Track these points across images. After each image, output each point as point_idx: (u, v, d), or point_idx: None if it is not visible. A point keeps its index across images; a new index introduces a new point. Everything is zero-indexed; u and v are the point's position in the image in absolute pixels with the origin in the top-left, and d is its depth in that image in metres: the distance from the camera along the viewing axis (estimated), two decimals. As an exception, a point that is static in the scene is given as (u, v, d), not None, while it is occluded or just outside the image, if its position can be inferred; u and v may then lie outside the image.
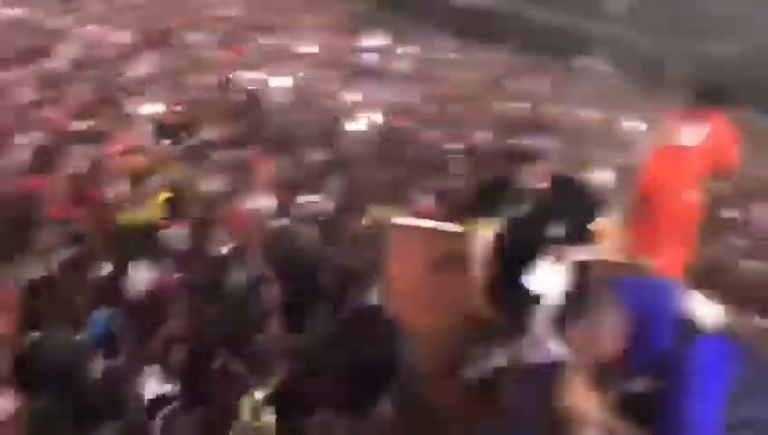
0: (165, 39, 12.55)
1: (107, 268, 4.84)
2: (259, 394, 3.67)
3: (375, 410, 3.63)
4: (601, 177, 6.61)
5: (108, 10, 13.87)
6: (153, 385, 3.92)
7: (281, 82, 10.88)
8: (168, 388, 3.94)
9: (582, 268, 3.16)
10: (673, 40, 13.34)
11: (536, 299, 3.23)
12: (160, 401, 3.86)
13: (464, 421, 3.55)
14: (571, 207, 3.44)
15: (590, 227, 3.49)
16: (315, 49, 14.38)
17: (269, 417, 3.58)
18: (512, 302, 3.43)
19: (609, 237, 3.56)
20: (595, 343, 2.12)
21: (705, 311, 2.33)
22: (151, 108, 7.94)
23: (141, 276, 4.71)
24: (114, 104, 8.11)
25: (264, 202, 6.14)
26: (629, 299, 2.16)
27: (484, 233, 3.63)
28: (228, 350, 4.03)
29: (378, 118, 9.32)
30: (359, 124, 8.88)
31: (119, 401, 3.81)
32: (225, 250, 5.14)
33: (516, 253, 3.39)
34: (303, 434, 3.50)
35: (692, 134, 4.43)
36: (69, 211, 5.54)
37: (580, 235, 3.40)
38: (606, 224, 3.59)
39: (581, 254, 3.32)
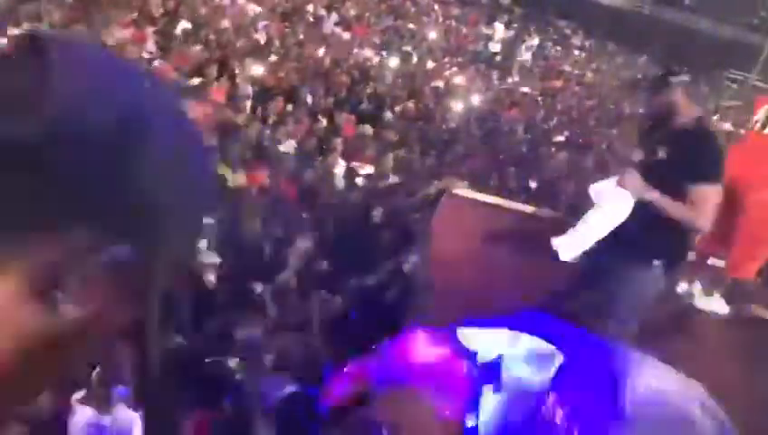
0: (295, 13, 12.98)
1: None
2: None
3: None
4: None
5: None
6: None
7: (393, 63, 11.00)
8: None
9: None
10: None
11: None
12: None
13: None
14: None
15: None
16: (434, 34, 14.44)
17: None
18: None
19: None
20: None
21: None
22: (257, 70, 8.23)
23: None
24: (224, 64, 8.48)
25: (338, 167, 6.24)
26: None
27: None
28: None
29: (476, 102, 9.24)
30: (456, 107, 8.83)
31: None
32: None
33: None
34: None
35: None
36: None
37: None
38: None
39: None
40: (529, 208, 4.91)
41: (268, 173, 5.90)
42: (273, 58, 9.47)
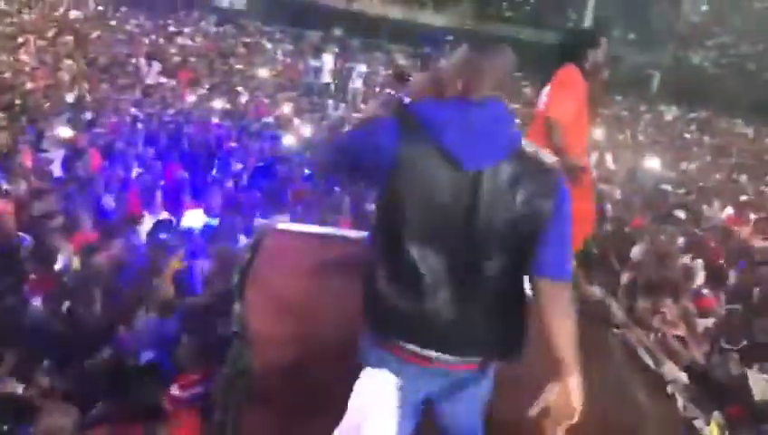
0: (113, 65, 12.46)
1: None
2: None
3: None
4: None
5: None
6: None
7: (219, 104, 10.73)
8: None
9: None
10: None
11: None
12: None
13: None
14: None
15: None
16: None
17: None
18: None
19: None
20: None
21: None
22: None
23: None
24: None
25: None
26: None
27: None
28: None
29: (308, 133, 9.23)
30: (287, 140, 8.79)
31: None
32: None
33: None
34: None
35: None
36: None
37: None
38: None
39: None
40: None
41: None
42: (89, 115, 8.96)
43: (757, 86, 29.95)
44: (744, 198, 10.50)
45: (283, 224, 4.92)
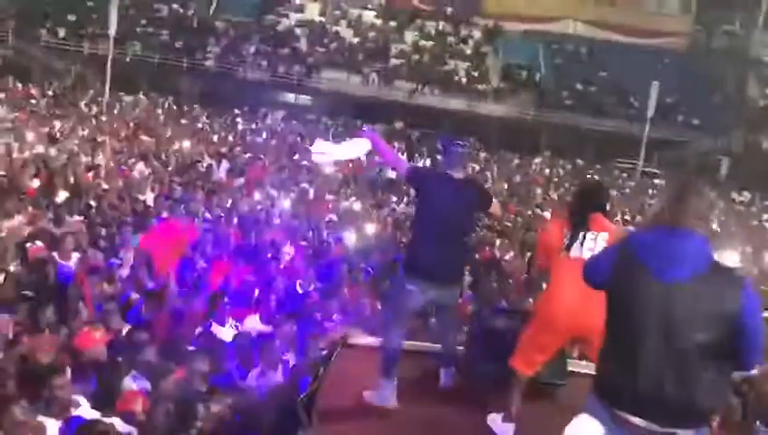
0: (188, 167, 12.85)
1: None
2: None
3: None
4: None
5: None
6: None
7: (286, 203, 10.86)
8: None
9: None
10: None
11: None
12: None
13: None
14: None
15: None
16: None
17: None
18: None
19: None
20: None
21: None
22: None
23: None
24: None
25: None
26: None
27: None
28: None
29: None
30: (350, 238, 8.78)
31: None
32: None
33: None
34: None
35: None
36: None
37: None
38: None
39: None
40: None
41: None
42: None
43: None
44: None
45: (355, 337, 4.77)
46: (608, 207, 4.01)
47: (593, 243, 3.59)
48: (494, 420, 3.83)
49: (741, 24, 38.62)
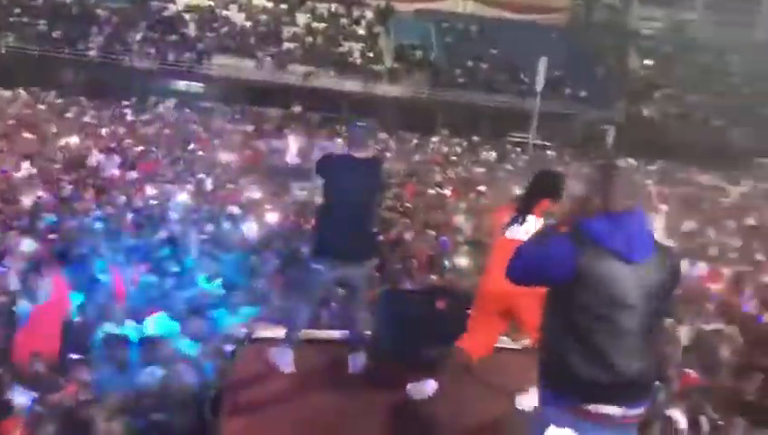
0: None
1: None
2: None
3: None
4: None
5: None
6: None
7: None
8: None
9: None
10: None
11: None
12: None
13: None
14: None
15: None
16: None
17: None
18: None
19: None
20: None
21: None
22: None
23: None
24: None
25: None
26: None
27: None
28: None
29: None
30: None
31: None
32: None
33: None
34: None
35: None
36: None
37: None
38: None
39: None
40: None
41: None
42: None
43: (707, 133, 30.90)
44: (713, 251, 10.57)
45: (262, 330, 4.71)
46: (561, 197, 3.97)
47: (533, 227, 3.64)
48: (415, 386, 3.99)
49: (619, -2, 40.55)
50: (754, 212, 16.76)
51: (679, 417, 4.52)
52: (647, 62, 36.56)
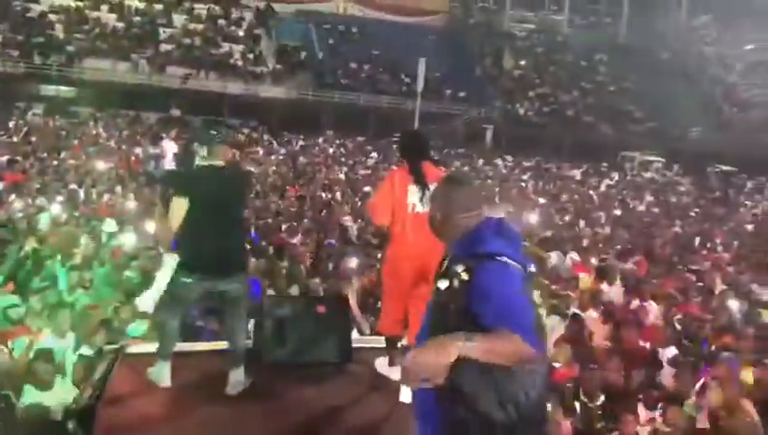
0: None
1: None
2: None
3: None
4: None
5: None
6: None
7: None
8: None
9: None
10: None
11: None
12: None
13: None
14: None
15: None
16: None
17: None
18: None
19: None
20: None
21: None
22: None
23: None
24: None
25: None
26: None
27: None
28: None
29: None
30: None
31: None
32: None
33: None
34: None
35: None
36: None
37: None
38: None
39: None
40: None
41: None
42: None
43: (578, 130, 32.67)
44: (585, 242, 11.18)
45: (135, 345, 4.58)
46: (430, 152, 4.28)
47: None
48: (382, 364, 4.20)
49: (494, 1, 42.05)
50: (621, 203, 17.92)
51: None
52: (521, 62, 38.15)
